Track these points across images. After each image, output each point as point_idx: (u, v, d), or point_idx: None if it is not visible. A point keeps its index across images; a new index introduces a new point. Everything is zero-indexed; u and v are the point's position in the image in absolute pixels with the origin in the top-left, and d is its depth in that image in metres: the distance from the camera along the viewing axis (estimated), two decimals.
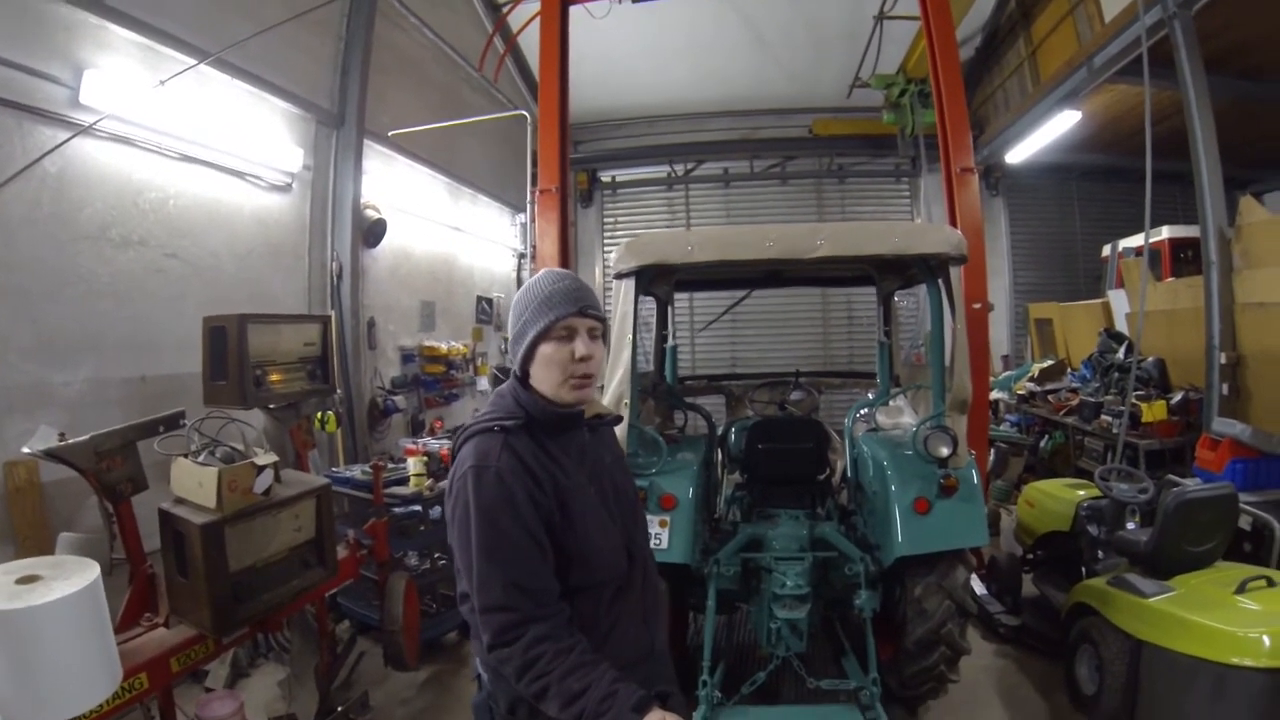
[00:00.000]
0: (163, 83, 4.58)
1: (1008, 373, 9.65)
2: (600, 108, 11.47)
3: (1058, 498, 5.02)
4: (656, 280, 4.95)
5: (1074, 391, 7.57)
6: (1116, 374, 6.93)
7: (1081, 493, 4.85)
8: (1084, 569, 4.50)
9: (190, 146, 5.09)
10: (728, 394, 6.12)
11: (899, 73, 9.01)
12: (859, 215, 11.59)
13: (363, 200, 7.00)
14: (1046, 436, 7.75)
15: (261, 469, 3.28)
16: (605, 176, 12.34)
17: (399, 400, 7.52)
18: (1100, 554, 4.41)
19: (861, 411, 4.82)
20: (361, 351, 7.09)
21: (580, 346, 1.71)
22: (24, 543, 3.81)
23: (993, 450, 7.48)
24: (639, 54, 10.02)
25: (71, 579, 2.36)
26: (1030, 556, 5.33)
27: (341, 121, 6.69)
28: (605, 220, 12.53)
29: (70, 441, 3.28)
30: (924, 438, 3.60)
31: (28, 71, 3.97)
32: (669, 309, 5.36)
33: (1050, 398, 7.84)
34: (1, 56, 3.82)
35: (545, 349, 1.71)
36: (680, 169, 11.97)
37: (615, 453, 2.00)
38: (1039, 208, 11.43)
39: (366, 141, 7.04)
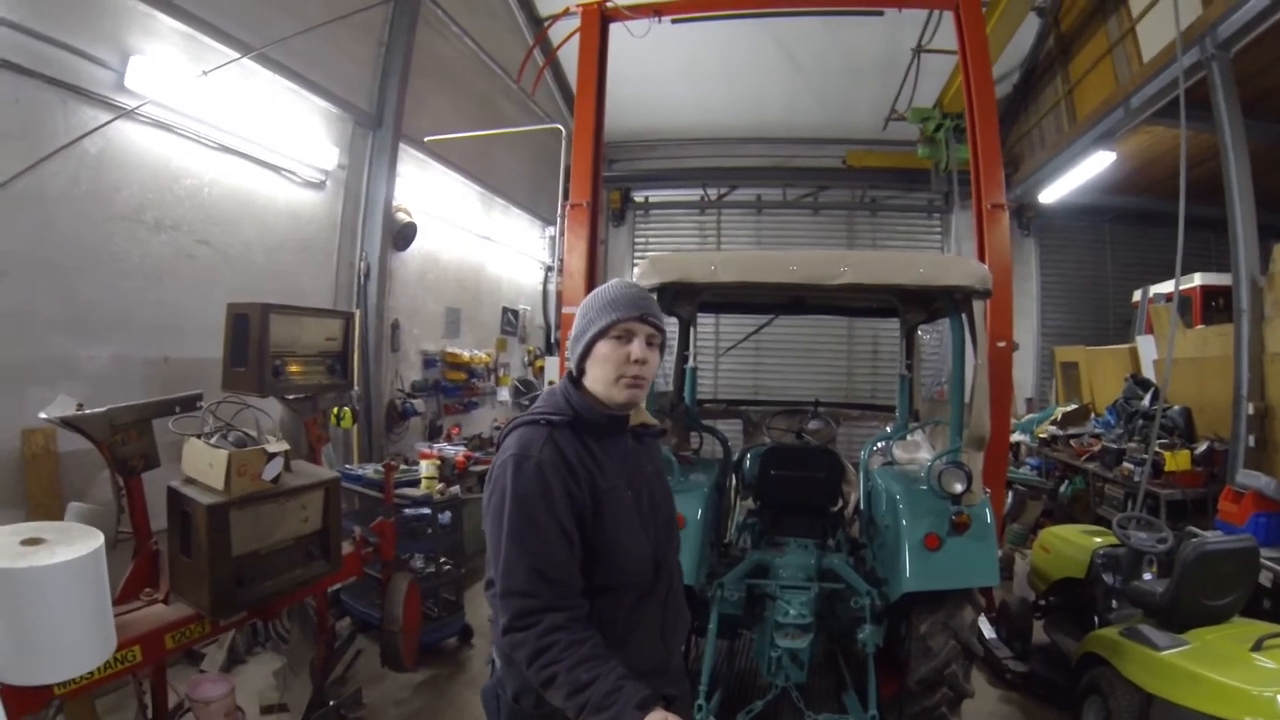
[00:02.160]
0: (205, 73, 4.70)
1: (1031, 415, 9.50)
2: (635, 127, 11.58)
3: (1074, 544, 4.91)
4: (680, 301, 4.97)
5: (1097, 437, 7.41)
6: (1141, 421, 6.79)
7: (1098, 540, 4.74)
8: (1097, 618, 4.38)
9: (228, 137, 5.20)
10: (746, 419, 6.10)
11: (935, 107, 9.01)
12: (890, 248, 11.56)
13: (395, 203, 7.09)
14: (1067, 481, 7.60)
15: (272, 456, 3.31)
16: (638, 196, 12.44)
17: (418, 404, 7.56)
18: (1114, 603, 4.30)
19: (879, 445, 4.78)
20: (384, 353, 7.15)
21: (636, 349, 1.76)
22: (35, 509, 3.86)
23: (1011, 493, 7.35)
24: (674, 75, 10.12)
25: (75, 545, 2.42)
26: (1043, 602, 5.22)
27: (379, 123, 6.80)
28: (636, 240, 12.62)
29: (87, 412, 3.33)
30: (938, 473, 3.56)
31: (75, 52, 4.08)
32: (691, 330, 5.35)
33: (1073, 442, 7.70)
34: (51, 36, 3.93)
35: (602, 347, 1.77)
36: (713, 193, 12.02)
37: (657, 465, 2.04)
38: (1071, 249, 11.32)
39: (402, 145, 7.14)
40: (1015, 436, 8.77)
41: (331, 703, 4.29)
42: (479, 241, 9.26)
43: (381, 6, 6.59)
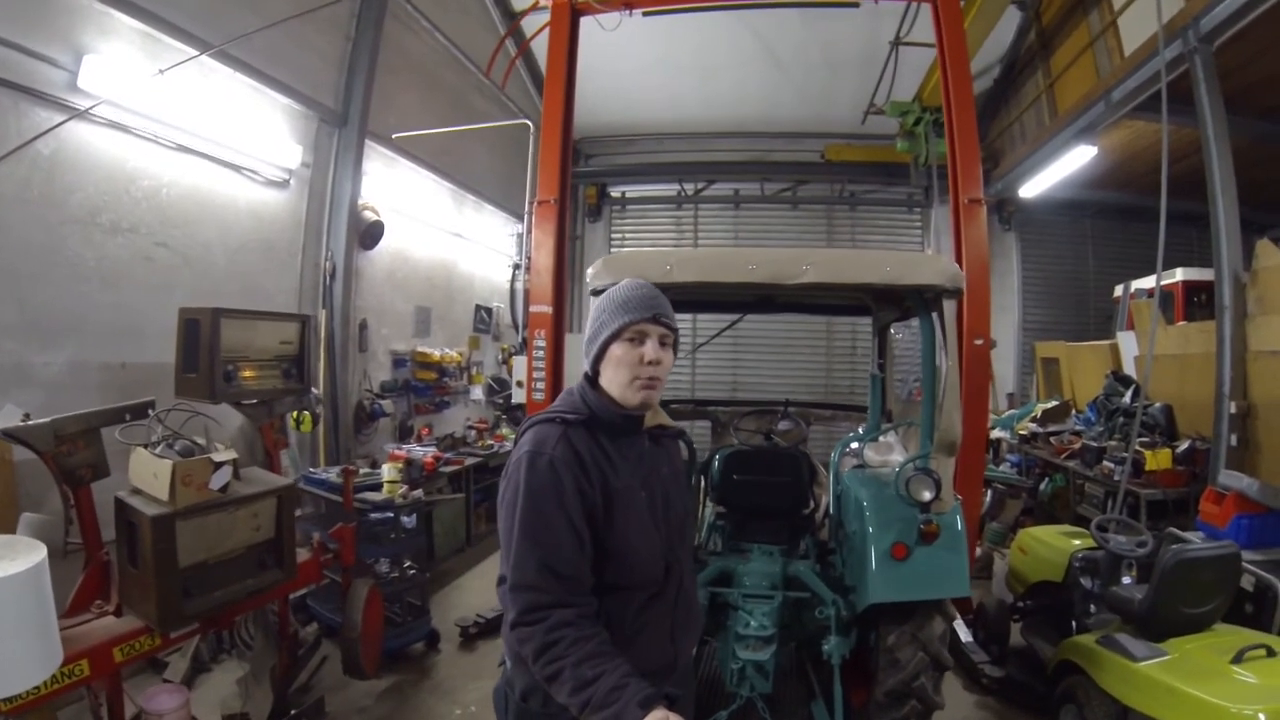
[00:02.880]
0: (162, 72, 4.57)
1: (1011, 411, 9.46)
2: (610, 122, 11.48)
3: (1052, 546, 4.84)
4: None
5: (1077, 434, 7.37)
6: (1122, 419, 6.74)
7: (1077, 542, 4.67)
8: (1075, 623, 4.32)
9: (187, 137, 5.07)
10: (714, 420, 5.98)
11: (914, 101, 8.93)
12: (869, 244, 11.48)
13: (361, 201, 6.97)
14: (1047, 479, 7.55)
15: (219, 466, 3.27)
16: (615, 191, 12.33)
17: (386, 404, 7.45)
18: (1093, 608, 4.23)
19: (852, 446, 4.67)
20: (351, 353, 7.04)
21: (650, 350, 1.79)
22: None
23: (990, 491, 7.29)
24: (649, 69, 10.01)
25: (15, 560, 2.32)
26: (1021, 605, 5.14)
27: (344, 121, 6.66)
28: (613, 235, 12.51)
29: (29, 423, 3.25)
30: (906, 479, 3.45)
31: (27, 53, 3.97)
32: None
33: (1053, 439, 7.64)
34: (7, 40, 3.83)
35: (616, 350, 1.81)
36: (690, 188, 11.93)
37: (675, 467, 2.05)
38: (1052, 244, 11.26)
39: (369, 143, 7.03)
40: (995, 433, 8.73)
41: (293, 711, 4.25)
42: (450, 239, 9.13)
43: (348, 1, 6.47)
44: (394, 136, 7.41)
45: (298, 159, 6.18)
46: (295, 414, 5.23)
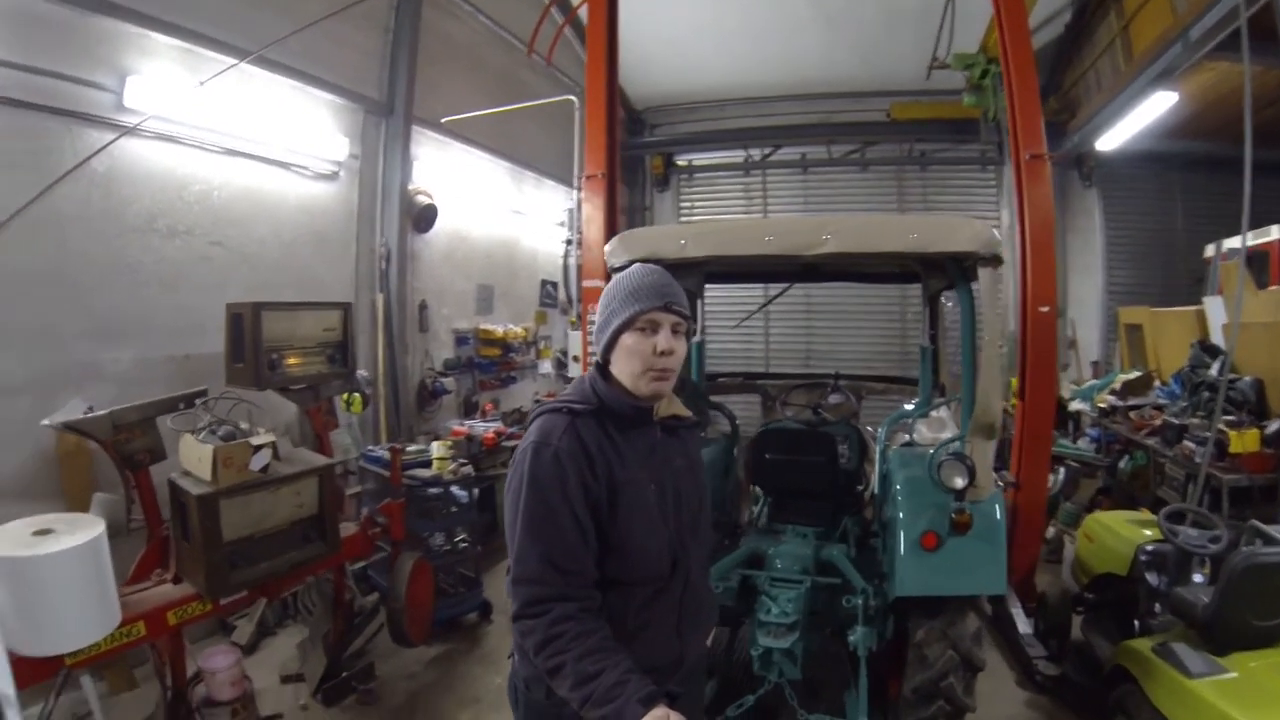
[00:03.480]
0: (202, 83, 4.83)
1: (1092, 381, 8.91)
2: (671, 90, 11.29)
3: (1119, 535, 4.45)
4: (682, 273, 4.87)
5: (1159, 409, 6.77)
6: (1207, 393, 6.14)
7: (1148, 532, 4.24)
8: (1138, 623, 3.93)
9: (234, 141, 5.33)
10: (764, 394, 5.84)
11: (979, 51, 8.35)
12: (941, 205, 10.90)
13: (412, 186, 7.17)
14: (1127, 457, 6.98)
15: (258, 449, 3.54)
16: (681, 160, 12.15)
17: (448, 382, 7.72)
18: (1158, 608, 3.81)
19: (905, 421, 4.48)
20: (411, 334, 7.36)
21: (662, 340, 1.75)
22: (70, 501, 4.16)
23: (1063, 469, 6.92)
24: (701, 34, 9.75)
25: (78, 534, 2.74)
26: (1084, 597, 4.75)
27: (390, 111, 6.83)
28: (681, 205, 12.35)
29: (88, 415, 3.64)
30: (938, 464, 3.28)
31: (75, 81, 4.28)
32: (698, 303, 5.21)
33: (1132, 414, 7.06)
34: (51, 70, 4.14)
35: (628, 340, 1.77)
36: (757, 154, 11.65)
37: (691, 458, 2.01)
38: (1138, 200, 10.35)
39: (419, 129, 7.19)
40: (1074, 405, 8.25)
41: (344, 673, 4.60)
42: (511, 216, 9.25)
43: None
44: (443, 121, 7.53)
45: (345, 151, 6.40)
46: (345, 396, 5.54)
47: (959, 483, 3.22)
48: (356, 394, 5.52)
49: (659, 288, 1.78)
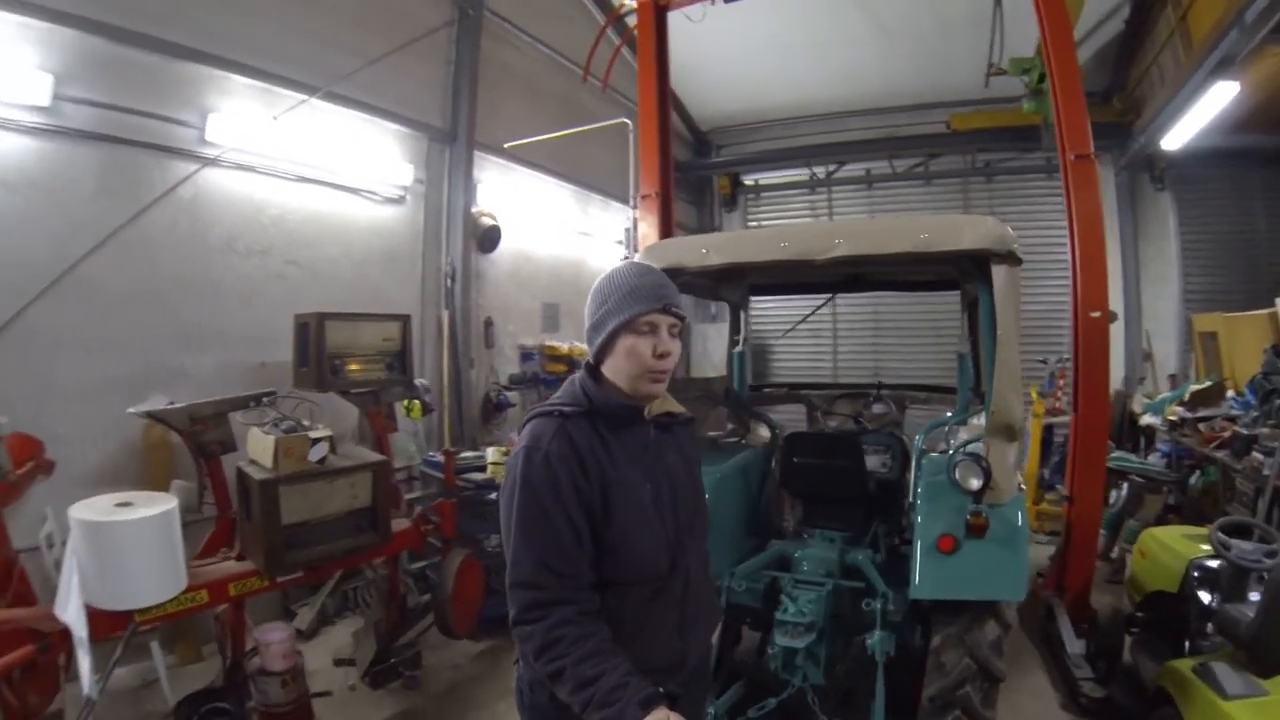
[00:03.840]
0: (276, 118, 5.38)
1: (1164, 394, 8.44)
2: (735, 110, 11.50)
3: (1172, 550, 4.26)
4: (726, 285, 5.01)
5: (1231, 420, 6.36)
6: (1278, 402, 5.79)
7: (1205, 547, 4.00)
8: (1188, 643, 3.73)
9: (306, 169, 5.87)
10: (808, 404, 5.93)
11: (1036, 55, 8.16)
12: (1007, 215, 10.37)
13: (476, 209, 7.59)
14: (1198, 472, 6.60)
15: (315, 442, 3.88)
16: (748, 180, 12.31)
17: (512, 396, 8.08)
18: (1209, 628, 3.61)
19: (942, 429, 4.41)
20: (476, 349, 7.75)
21: (661, 343, 1.75)
22: (153, 487, 4.56)
23: (1126, 485, 6.60)
24: (760, 53, 9.88)
25: (153, 507, 3.18)
26: (1137, 617, 4.53)
27: (453, 138, 7.28)
28: (749, 224, 12.50)
29: (169, 407, 4.10)
30: (954, 465, 3.26)
31: (163, 119, 4.89)
32: (741, 315, 5.30)
33: (1201, 426, 6.65)
34: (143, 109, 4.77)
35: (626, 341, 1.74)
36: (822, 171, 11.69)
37: (687, 455, 1.99)
38: (1213, 202, 9.75)
39: (483, 154, 7.63)
40: (1146, 419, 7.87)
41: (393, 660, 4.90)
42: (576, 237, 9.58)
43: (445, 29, 7.10)
44: (506, 146, 7.93)
45: (411, 176, 6.88)
46: (405, 402, 5.92)
47: (974, 484, 3.19)
48: (416, 401, 5.88)
49: (657, 288, 1.77)
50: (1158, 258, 9.91)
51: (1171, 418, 7.27)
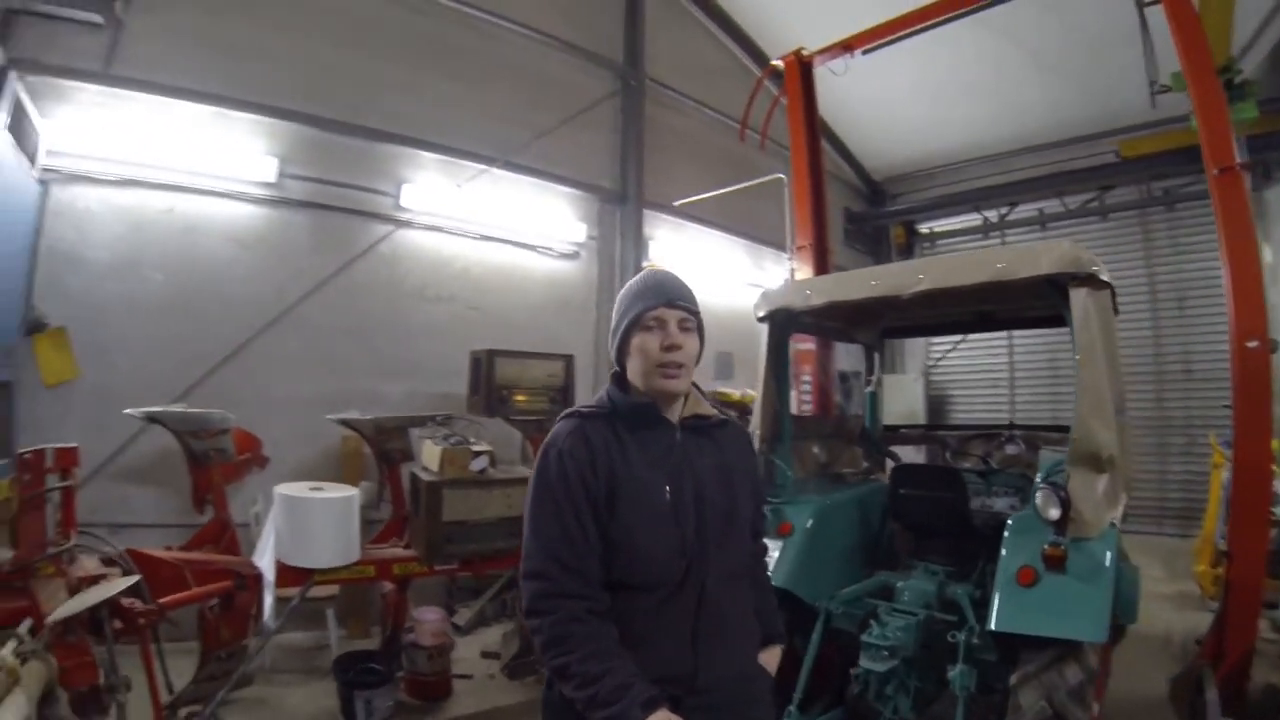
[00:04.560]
0: (459, 185, 6.49)
1: None
2: (906, 159, 11.43)
3: None
4: (860, 327, 5.16)
5: None
6: None
7: None
8: None
9: (487, 228, 6.91)
10: (942, 444, 5.77)
11: None
12: (1192, 247, 9.35)
13: (647, 262, 8.20)
14: None
15: (477, 454, 4.54)
16: (923, 229, 12.00)
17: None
18: None
19: (1062, 468, 4.27)
20: None
21: (668, 336, 1.75)
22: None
23: None
24: (924, 100, 9.81)
25: (338, 493, 4.07)
26: None
27: (623, 199, 8.04)
28: None
29: (360, 417, 5.02)
30: (1036, 493, 3.17)
31: (364, 189, 6.18)
32: (875, 356, 5.37)
33: None
34: (348, 182, 6.08)
35: (636, 339, 1.77)
36: (995, 215, 11.11)
37: (723, 459, 1.88)
38: None
39: (654, 212, 8.31)
40: None
41: (531, 657, 5.34)
42: (748, 289, 9.87)
43: (610, 99, 7.97)
44: (675, 204, 8.53)
45: (584, 234, 7.72)
46: None
47: (1053, 513, 3.06)
48: None
49: (662, 285, 1.80)
50: None
51: None
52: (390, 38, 6.41)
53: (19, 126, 4.39)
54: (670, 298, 1.77)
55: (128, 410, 4.23)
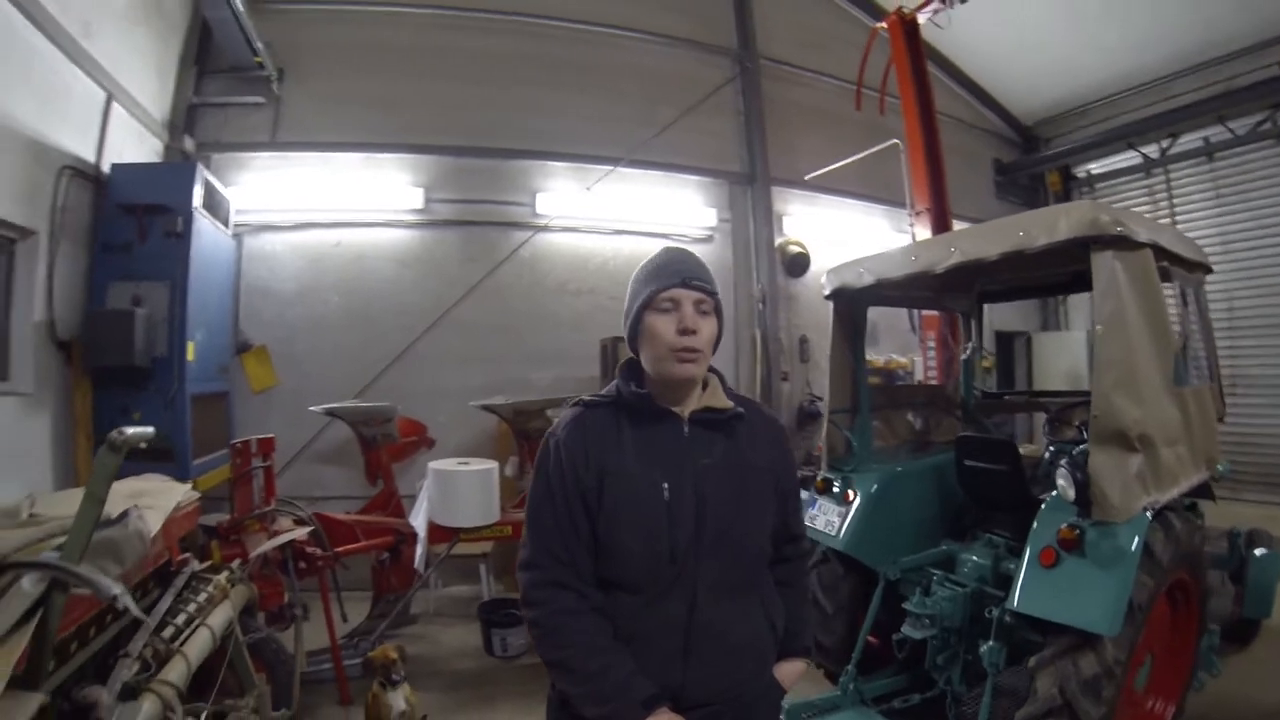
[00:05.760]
0: (588, 188, 7.12)
1: None
2: (1055, 99, 10.32)
3: None
4: (954, 295, 5.11)
5: None
6: None
7: None
8: None
9: (619, 223, 7.50)
10: (1046, 411, 5.46)
11: None
12: None
13: (782, 239, 8.38)
14: None
15: None
16: (1079, 172, 10.80)
17: (823, 405, 8.51)
18: None
19: None
20: (790, 364, 8.44)
21: (684, 318, 1.62)
22: (499, 460, 6.46)
23: None
24: (1065, 32, 8.78)
25: (480, 466, 4.97)
26: None
27: (752, 179, 8.22)
28: None
29: (499, 402, 5.80)
30: (1057, 472, 3.07)
31: (503, 203, 7.07)
32: (972, 322, 5.18)
33: None
34: (487, 199, 7.01)
35: (649, 321, 1.64)
36: (1155, 150, 9.72)
37: (738, 458, 1.70)
38: None
39: (785, 189, 8.42)
40: None
41: None
42: None
43: (728, 85, 8.17)
44: (806, 178, 8.55)
45: (715, 218, 8.05)
46: None
47: (1069, 494, 2.99)
48: None
49: (677, 264, 1.68)
50: None
51: None
52: (514, 65, 7.22)
53: (211, 200, 5.51)
54: (686, 277, 1.64)
55: (312, 407, 5.31)
